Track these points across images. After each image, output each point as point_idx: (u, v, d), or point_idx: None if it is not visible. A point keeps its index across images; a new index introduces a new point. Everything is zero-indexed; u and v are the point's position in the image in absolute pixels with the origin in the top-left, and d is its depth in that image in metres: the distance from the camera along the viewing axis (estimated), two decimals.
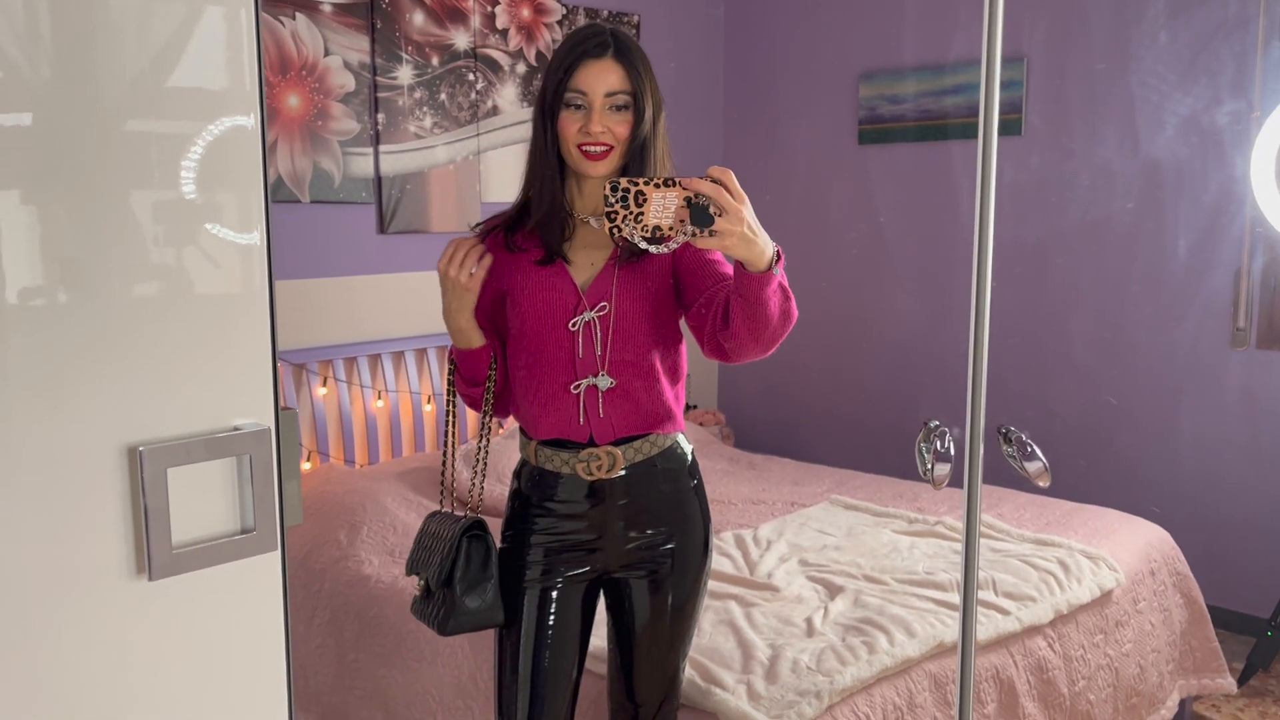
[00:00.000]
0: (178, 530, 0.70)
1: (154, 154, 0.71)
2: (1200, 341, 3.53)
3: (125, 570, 0.70)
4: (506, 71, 3.86)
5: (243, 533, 0.73)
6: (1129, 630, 2.71)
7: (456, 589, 1.73)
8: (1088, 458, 3.78)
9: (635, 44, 1.73)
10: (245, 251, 0.73)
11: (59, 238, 0.67)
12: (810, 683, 2.08)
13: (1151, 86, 3.53)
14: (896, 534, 2.96)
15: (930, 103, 4.08)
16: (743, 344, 1.58)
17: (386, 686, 2.54)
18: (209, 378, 0.72)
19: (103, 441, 0.69)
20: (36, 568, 0.68)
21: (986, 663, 2.31)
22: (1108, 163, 3.64)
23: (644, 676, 1.85)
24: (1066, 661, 2.52)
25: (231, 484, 0.72)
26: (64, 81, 0.67)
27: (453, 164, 3.75)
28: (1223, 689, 2.96)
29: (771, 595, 2.52)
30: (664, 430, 1.78)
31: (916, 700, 2.19)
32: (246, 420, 0.73)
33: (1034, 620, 2.43)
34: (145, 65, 0.70)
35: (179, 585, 0.71)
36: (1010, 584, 2.55)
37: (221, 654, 0.75)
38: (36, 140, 0.66)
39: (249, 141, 0.73)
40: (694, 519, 1.83)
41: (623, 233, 1.40)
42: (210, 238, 0.73)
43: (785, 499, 3.33)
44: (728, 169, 1.41)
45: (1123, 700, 2.68)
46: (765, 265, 1.47)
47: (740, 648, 2.24)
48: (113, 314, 0.70)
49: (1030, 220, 3.84)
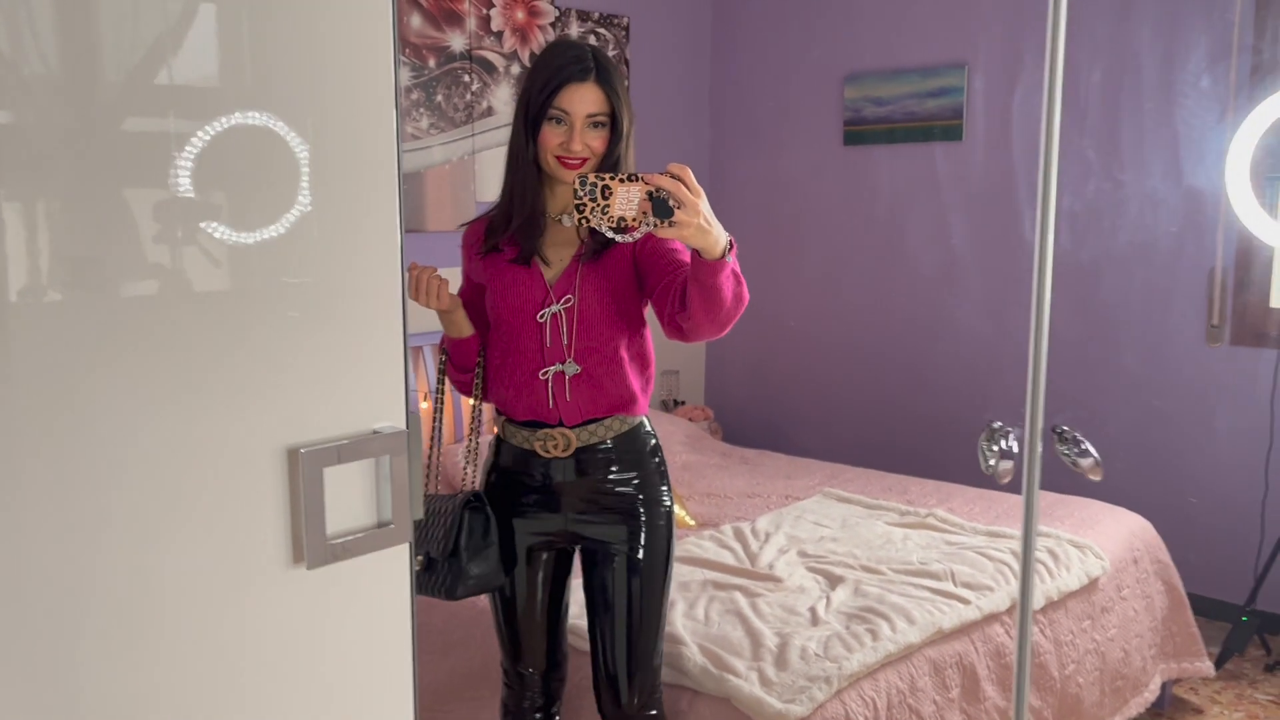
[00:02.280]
0: (330, 523, 0.77)
1: (287, 156, 0.77)
2: (1182, 334, 3.66)
3: (285, 559, 0.77)
4: (501, 73, 3.92)
5: (379, 525, 0.80)
6: (1114, 616, 2.83)
7: (463, 557, 1.89)
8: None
9: (612, 64, 1.88)
10: (385, 258, 0.80)
11: (238, 248, 0.74)
12: (819, 669, 2.16)
13: (1127, 89, 3.65)
14: (890, 526, 3.06)
15: (914, 105, 4.18)
16: (699, 324, 1.71)
17: None
18: (354, 383, 0.79)
19: (267, 443, 0.75)
20: (209, 558, 0.75)
21: (950, 650, 2.39)
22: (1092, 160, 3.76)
23: (606, 650, 1.96)
24: (1057, 646, 2.63)
25: (370, 481, 0.79)
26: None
27: (448, 164, 3.80)
28: (1201, 672, 3.08)
29: (774, 585, 2.60)
30: (629, 412, 1.93)
31: (918, 684, 2.28)
32: (384, 424, 0.80)
33: (993, 608, 2.52)
34: (256, 49, 0.76)
35: (332, 573, 0.78)
36: (967, 574, 2.65)
37: (366, 636, 0.82)
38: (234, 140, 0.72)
39: (386, 140, 0.79)
40: (654, 497, 1.94)
41: (591, 224, 1.54)
42: (350, 243, 0.80)
43: (779, 492, 3.41)
44: (685, 166, 1.54)
45: (1108, 684, 2.79)
46: (719, 253, 1.60)
47: (749, 636, 2.32)
48: (277, 323, 0.77)
49: (981, 223, 3.95)
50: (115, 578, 0.71)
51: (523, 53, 3.97)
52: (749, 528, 3.02)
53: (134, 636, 0.72)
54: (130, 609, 0.72)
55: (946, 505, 3.24)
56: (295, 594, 0.78)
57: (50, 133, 0.67)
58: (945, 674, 2.35)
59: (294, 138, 0.76)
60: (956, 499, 3.30)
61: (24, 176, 0.66)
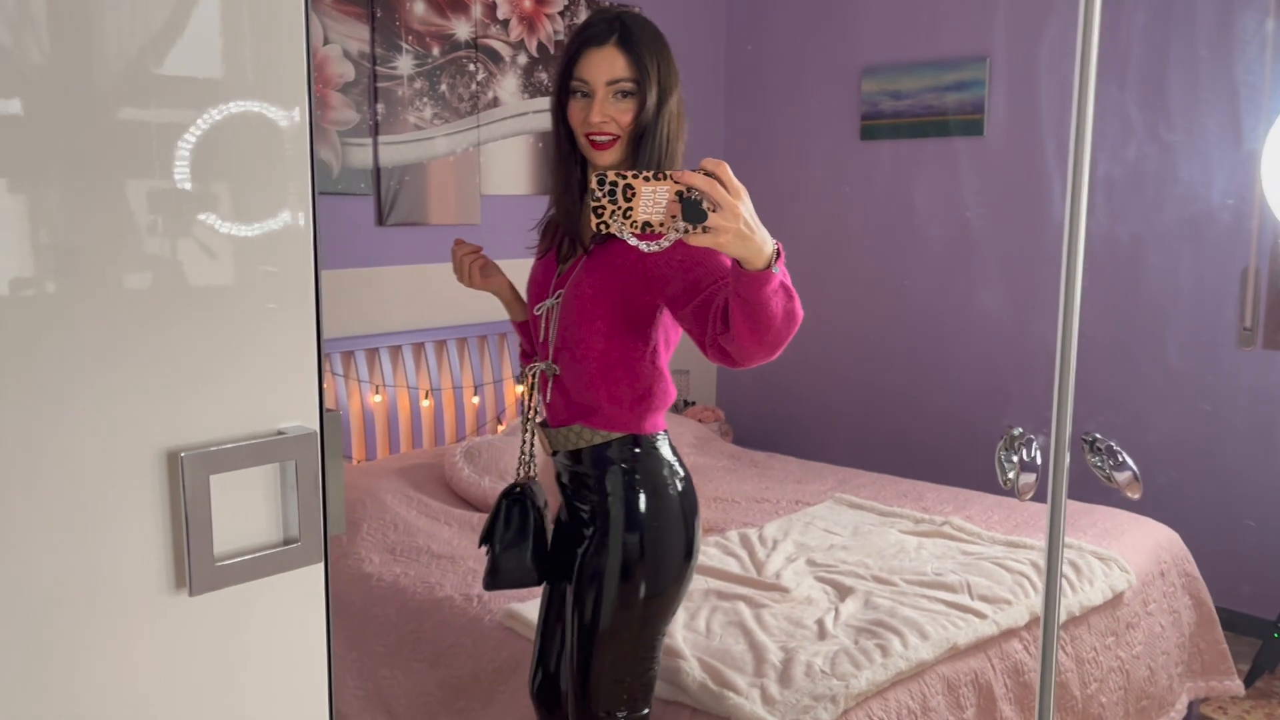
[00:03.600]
0: (219, 542, 0.65)
1: (178, 142, 0.66)
2: (1211, 339, 3.51)
3: (164, 584, 0.65)
4: (508, 62, 3.81)
5: (285, 543, 0.68)
6: (1139, 632, 2.69)
7: (495, 548, 1.84)
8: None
9: (645, 28, 1.73)
10: (290, 242, 0.68)
11: (78, 227, 0.62)
12: (825, 686, 2.04)
13: (1130, 87, 3.50)
14: (903, 534, 2.93)
15: (933, 99, 4.05)
16: (746, 347, 1.47)
17: (389, 687, 2.49)
18: (251, 377, 0.67)
19: (140, 446, 0.63)
20: (71, 580, 0.63)
21: (965, 667, 2.26)
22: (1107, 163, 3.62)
23: (566, 669, 1.85)
24: (1079, 664, 2.49)
25: (274, 491, 0.67)
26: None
27: (452, 155, 3.69)
28: (1230, 691, 2.94)
29: (781, 596, 2.48)
30: (590, 424, 1.76)
31: (930, 704, 2.15)
32: (291, 423, 0.68)
33: (1011, 623, 2.38)
34: (184, 43, 0.65)
35: (220, 600, 0.66)
36: (984, 587, 2.51)
37: (262, 672, 0.70)
38: (29, 125, 0.61)
39: (297, 128, 0.68)
40: (615, 528, 1.75)
41: (610, 229, 1.31)
42: (254, 228, 0.68)
43: (789, 497, 3.29)
44: (722, 161, 1.33)
45: (1133, 703, 2.65)
46: (764, 263, 1.36)
47: (751, 650, 2.20)
48: (150, 308, 0.65)
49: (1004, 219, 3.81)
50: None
51: (530, 42, 3.86)
52: (756, 534, 2.90)
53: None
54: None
55: (963, 513, 3.10)
56: (175, 626, 0.65)
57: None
58: (960, 693, 2.22)
59: (203, 124, 0.65)
60: (974, 506, 3.17)
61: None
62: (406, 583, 2.60)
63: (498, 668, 2.30)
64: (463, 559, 2.71)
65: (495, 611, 2.40)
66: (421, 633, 2.47)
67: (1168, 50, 3.48)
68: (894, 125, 4.17)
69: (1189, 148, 3.46)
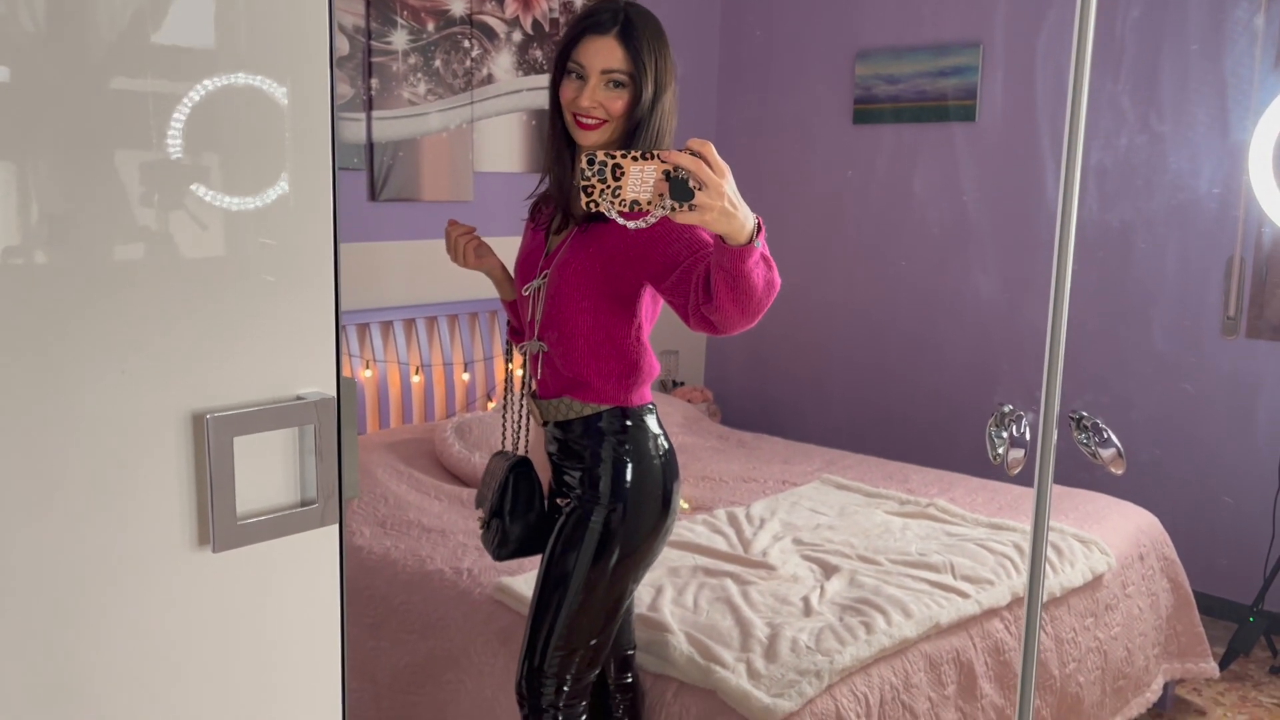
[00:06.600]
0: (241, 501, 0.68)
1: (202, 114, 0.67)
2: (1195, 324, 3.56)
3: (188, 541, 0.67)
4: (502, 39, 3.81)
5: (303, 505, 0.70)
6: (1118, 614, 2.74)
7: (506, 519, 1.91)
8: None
9: (648, 23, 1.78)
10: (312, 213, 0.70)
11: (128, 199, 0.64)
12: (810, 662, 2.08)
13: (1109, 75, 3.53)
14: (889, 515, 2.97)
15: (926, 83, 4.06)
16: (727, 316, 1.55)
17: (374, 659, 2.52)
18: (273, 345, 0.69)
19: (168, 407, 0.66)
20: (102, 536, 0.65)
21: (947, 645, 2.30)
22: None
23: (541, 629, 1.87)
24: (1058, 644, 2.54)
25: (293, 454, 0.70)
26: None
27: (446, 131, 3.69)
28: (1205, 673, 2.99)
29: (767, 574, 2.51)
30: (579, 397, 1.83)
31: (912, 680, 2.20)
32: (310, 389, 0.70)
33: (992, 603, 2.42)
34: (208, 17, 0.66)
35: (241, 557, 0.69)
36: (968, 567, 2.55)
37: (280, 626, 0.72)
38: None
39: (321, 101, 0.69)
40: (601, 493, 1.82)
41: (599, 207, 1.35)
42: (278, 202, 0.70)
43: (776, 477, 3.32)
44: (707, 141, 1.37)
45: (1110, 683, 2.70)
46: (746, 238, 1.43)
47: (738, 626, 2.23)
48: (180, 276, 0.67)
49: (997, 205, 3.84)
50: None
51: (525, 19, 3.86)
52: (743, 513, 2.93)
53: (11, 627, 0.63)
54: (6, 597, 0.63)
55: (948, 495, 3.15)
56: (199, 580, 0.68)
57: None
58: (941, 670, 2.26)
59: (213, 95, 0.67)
60: (958, 489, 3.21)
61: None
62: (397, 556, 2.63)
63: (487, 640, 2.33)
64: (453, 533, 2.74)
65: (485, 585, 2.43)
66: (411, 605, 2.50)
67: (1160, 43, 3.50)
68: (887, 110, 4.19)
69: (1178, 138, 3.49)
